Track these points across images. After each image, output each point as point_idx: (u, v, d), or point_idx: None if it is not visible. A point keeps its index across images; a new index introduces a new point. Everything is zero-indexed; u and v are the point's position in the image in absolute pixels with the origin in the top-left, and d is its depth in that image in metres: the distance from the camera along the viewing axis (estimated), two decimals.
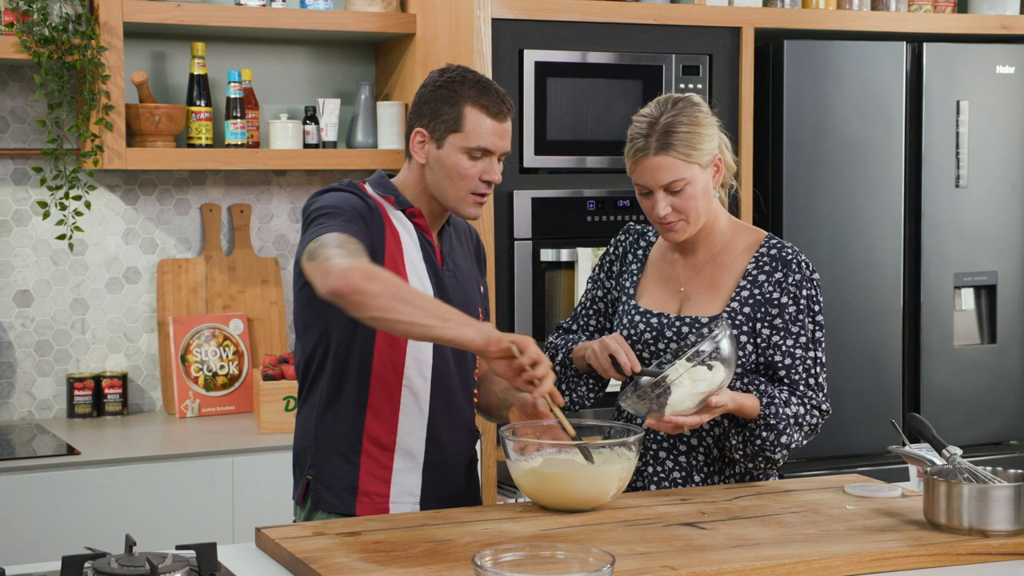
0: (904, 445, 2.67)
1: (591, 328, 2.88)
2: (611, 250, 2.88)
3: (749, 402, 2.59)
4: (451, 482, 2.70)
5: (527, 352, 2.36)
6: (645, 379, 2.59)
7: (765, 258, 2.70)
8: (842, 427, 4.08)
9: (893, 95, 4.20)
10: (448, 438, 2.67)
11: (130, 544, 2.15)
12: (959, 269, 4.32)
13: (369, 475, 2.62)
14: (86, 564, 2.10)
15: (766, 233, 2.75)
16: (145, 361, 4.10)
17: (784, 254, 2.69)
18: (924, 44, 4.25)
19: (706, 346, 2.50)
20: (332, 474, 2.62)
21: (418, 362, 2.62)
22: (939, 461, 2.49)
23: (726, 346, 2.51)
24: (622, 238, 2.88)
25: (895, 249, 4.22)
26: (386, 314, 2.33)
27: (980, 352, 4.38)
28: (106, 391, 3.97)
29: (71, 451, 3.51)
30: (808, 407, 2.65)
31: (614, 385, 2.89)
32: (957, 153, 4.29)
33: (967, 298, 4.38)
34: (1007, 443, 4.44)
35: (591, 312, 2.89)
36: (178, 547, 2.17)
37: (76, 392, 3.95)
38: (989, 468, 2.43)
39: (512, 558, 1.96)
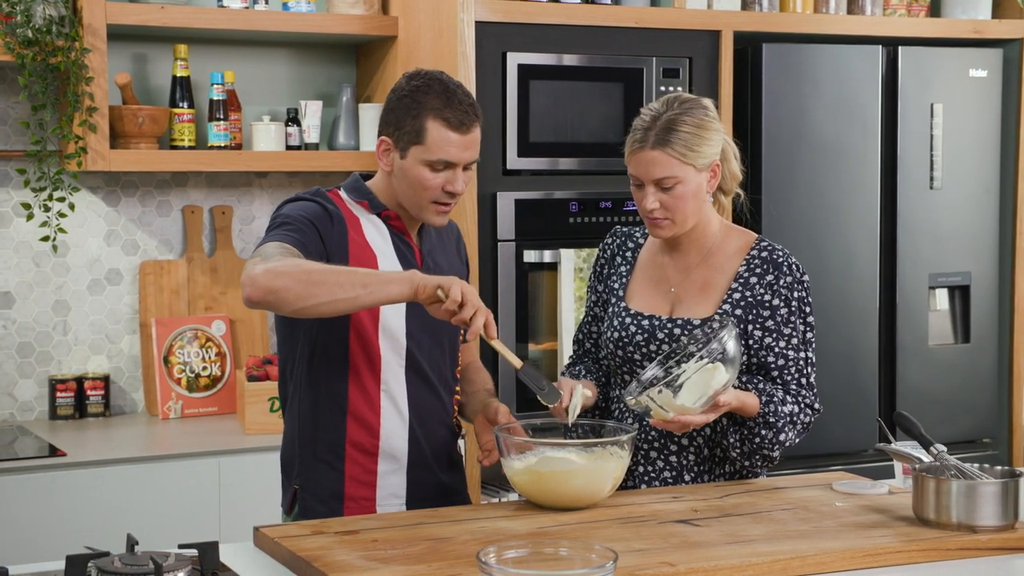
0: (890, 442, 2.72)
1: (594, 336, 2.91)
2: (600, 254, 2.91)
3: (750, 400, 2.62)
4: (434, 481, 2.72)
5: (451, 295, 2.35)
6: (648, 375, 2.62)
7: (756, 260, 2.73)
8: (819, 426, 4.10)
9: (869, 98, 4.25)
10: (429, 437, 2.69)
11: (132, 543, 2.16)
12: (933, 270, 4.38)
13: (354, 480, 2.64)
14: (89, 563, 2.11)
15: (756, 235, 2.78)
16: (127, 363, 4.10)
17: (775, 256, 2.72)
18: (899, 48, 4.30)
19: (714, 345, 2.53)
20: (318, 482, 2.64)
21: (393, 365, 2.64)
22: (926, 458, 2.54)
23: (732, 346, 2.53)
24: (609, 241, 2.91)
25: (871, 250, 4.28)
26: (306, 302, 2.36)
27: (954, 352, 4.44)
28: (88, 393, 3.97)
29: (54, 452, 3.51)
30: (802, 406, 2.69)
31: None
32: (931, 155, 4.35)
33: (941, 298, 4.44)
34: (980, 441, 4.50)
35: (591, 319, 2.92)
36: (180, 546, 2.19)
37: (58, 394, 3.95)
38: (976, 465, 2.47)
39: (515, 555, 1.98)
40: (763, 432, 2.64)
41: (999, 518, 2.36)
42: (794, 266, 2.72)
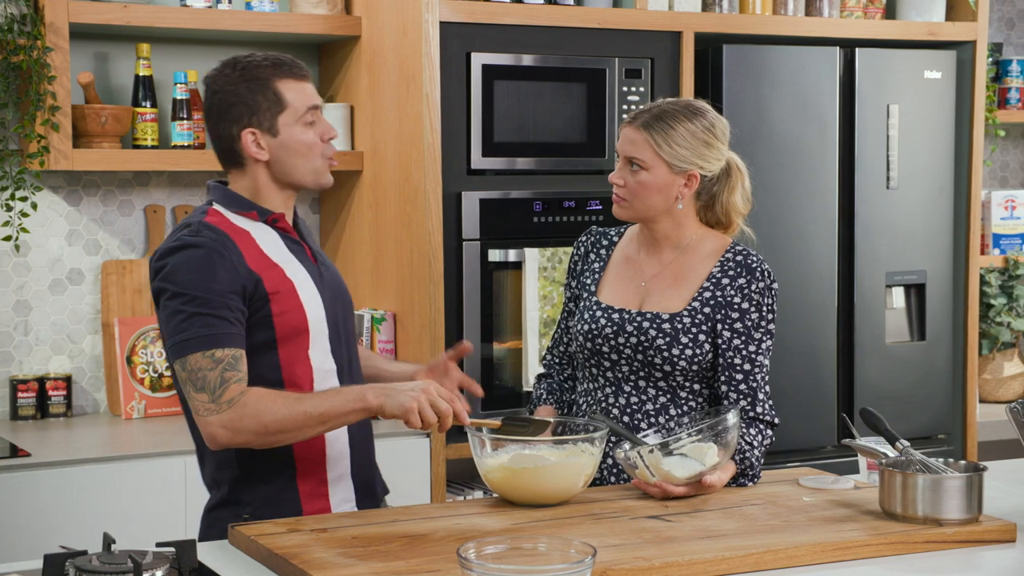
0: (854, 438, 2.76)
1: (571, 333, 2.94)
2: (574, 253, 2.95)
3: (729, 472, 2.66)
4: (370, 473, 2.72)
5: (426, 421, 2.41)
6: (645, 437, 2.67)
7: (731, 263, 2.77)
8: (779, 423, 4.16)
9: (827, 98, 4.30)
10: (360, 432, 2.69)
11: (108, 542, 2.17)
12: (890, 268, 4.44)
13: (309, 496, 2.60)
14: (67, 562, 2.11)
15: (732, 240, 2.83)
16: (89, 363, 4.08)
17: (749, 261, 2.77)
18: (856, 49, 4.36)
19: (715, 425, 2.57)
20: (273, 508, 2.55)
21: (325, 374, 2.61)
22: (892, 453, 2.58)
23: (732, 431, 2.58)
24: (584, 239, 2.95)
25: (829, 248, 4.33)
26: (271, 445, 2.48)
27: (910, 349, 4.50)
28: (50, 393, 3.95)
29: (15, 453, 3.49)
30: (764, 431, 2.74)
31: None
32: (887, 155, 4.41)
33: (898, 296, 4.50)
34: (936, 437, 4.56)
35: (565, 314, 2.95)
36: (158, 544, 2.19)
37: (19, 394, 3.92)
38: (940, 460, 2.52)
39: (495, 551, 2.00)
40: (741, 480, 2.71)
41: (964, 511, 2.40)
42: (766, 273, 2.77)
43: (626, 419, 2.76)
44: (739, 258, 2.78)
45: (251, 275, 2.50)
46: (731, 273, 2.76)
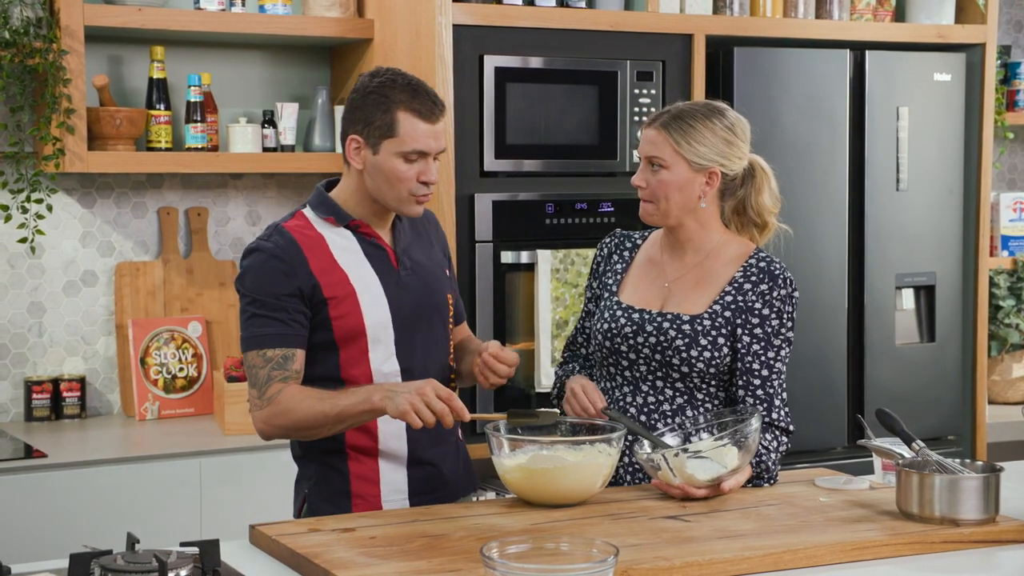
0: (870, 439, 2.78)
1: (587, 333, 2.96)
2: (597, 254, 2.97)
3: (746, 475, 2.68)
4: (438, 476, 2.76)
5: (423, 421, 2.48)
6: (666, 439, 2.69)
7: (753, 269, 2.79)
8: (794, 430, 4.17)
9: (837, 101, 4.32)
10: (428, 435, 2.71)
11: (132, 542, 2.18)
12: (900, 270, 4.45)
13: (359, 479, 2.70)
14: (92, 562, 2.12)
15: (756, 246, 2.85)
16: (103, 364, 4.10)
17: (772, 268, 2.78)
18: (866, 52, 4.37)
19: (737, 430, 2.58)
20: (325, 483, 2.71)
21: (386, 376, 2.68)
22: (908, 454, 2.60)
23: (754, 436, 2.59)
24: (608, 240, 2.97)
25: (839, 250, 4.34)
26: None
27: (920, 350, 4.51)
28: (64, 394, 3.97)
29: (30, 453, 3.51)
30: (777, 434, 2.75)
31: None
32: (897, 157, 4.42)
33: (907, 298, 4.51)
34: (945, 438, 4.58)
35: (583, 315, 2.97)
36: (182, 544, 2.21)
37: (34, 395, 3.94)
38: (957, 460, 2.53)
39: (517, 550, 2.02)
40: (756, 482, 2.73)
41: (980, 512, 2.42)
42: (788, 280, 2.78)
43: (643, 418, 2.78)
44: (762, 264, 2.79)
45: (310, 280, 2.64)
46: (753, 279, 2.77)
